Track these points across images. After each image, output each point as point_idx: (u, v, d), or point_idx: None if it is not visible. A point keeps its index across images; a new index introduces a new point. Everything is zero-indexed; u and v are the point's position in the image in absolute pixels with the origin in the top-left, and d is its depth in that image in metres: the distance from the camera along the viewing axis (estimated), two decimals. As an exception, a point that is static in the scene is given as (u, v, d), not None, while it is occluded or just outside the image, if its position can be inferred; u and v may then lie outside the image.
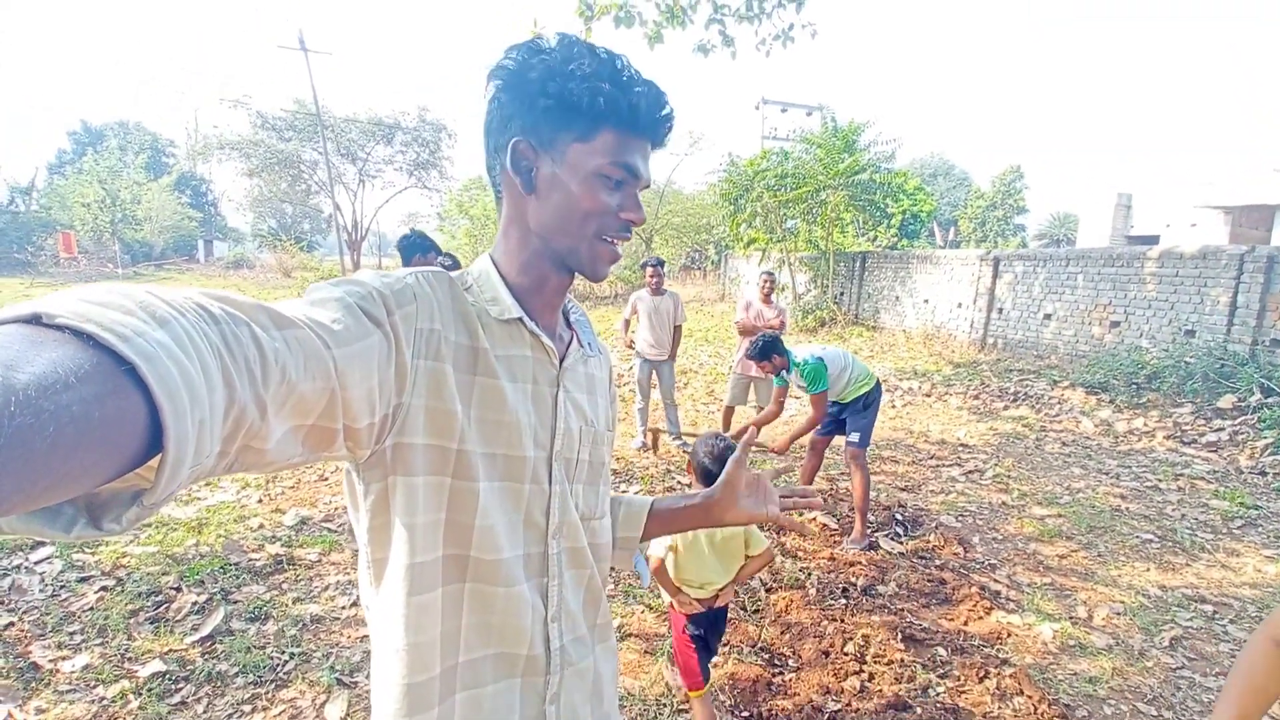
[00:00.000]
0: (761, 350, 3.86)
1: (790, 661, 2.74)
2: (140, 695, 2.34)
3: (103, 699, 2.32)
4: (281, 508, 4.12)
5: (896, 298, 12.92)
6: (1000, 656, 2.79)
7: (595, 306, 18.78)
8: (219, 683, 2.44)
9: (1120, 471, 5.36)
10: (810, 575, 3.38)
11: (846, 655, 2.72)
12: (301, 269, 27.05)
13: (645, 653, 2.76)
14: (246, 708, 2.34)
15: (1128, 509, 4.54)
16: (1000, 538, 4.08)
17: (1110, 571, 3.62)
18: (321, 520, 3.95)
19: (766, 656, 2.77)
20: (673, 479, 4.92)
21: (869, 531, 3.90)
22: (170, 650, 2.60)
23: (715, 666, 2.67)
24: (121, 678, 2.43)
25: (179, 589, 3.05)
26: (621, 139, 0.73)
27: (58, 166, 37.78)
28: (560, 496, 0.81)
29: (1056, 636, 2.96)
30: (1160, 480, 5.12)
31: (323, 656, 2.63)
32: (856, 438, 3.90)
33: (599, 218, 0.75)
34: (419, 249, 3.81)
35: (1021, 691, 2.50)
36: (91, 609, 2.86)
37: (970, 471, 5.35)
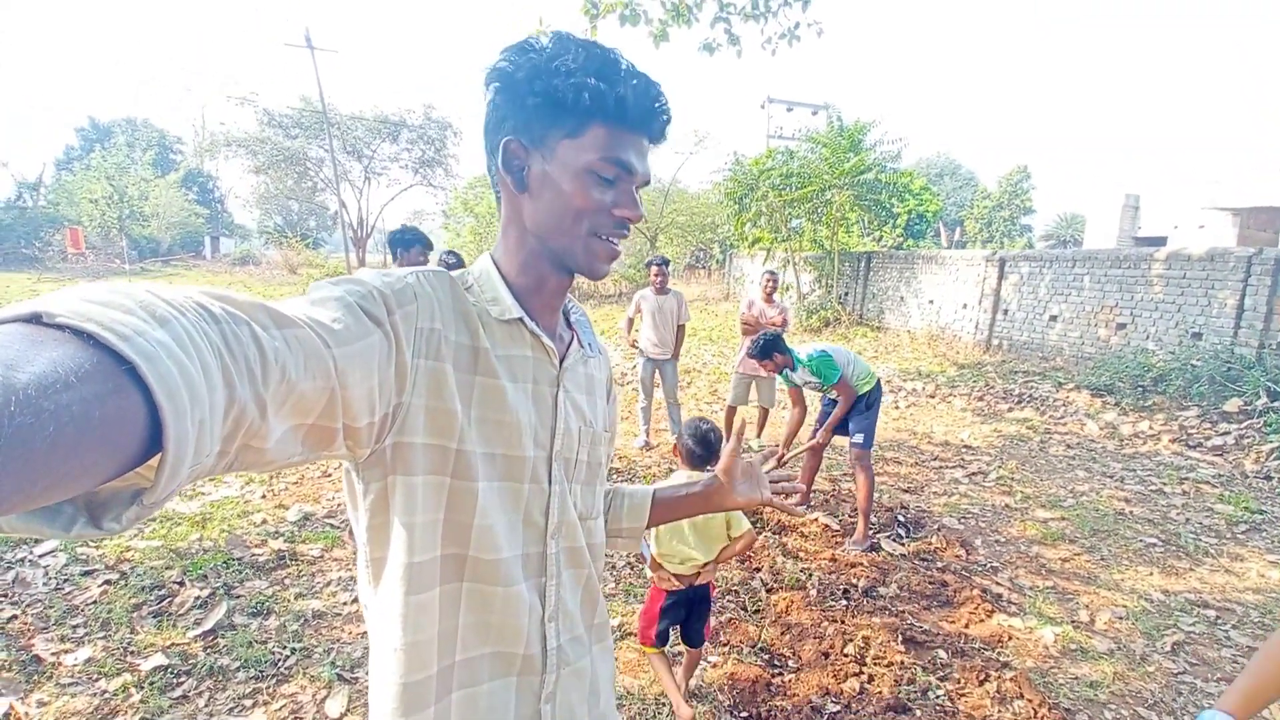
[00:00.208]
0: (763, 349, 3.86)
1: (790, 662, 2.74)
2: (142, 689, 2.35)
3: (105, 692, 2.33)
4: (285, 503, 4.14)
5: (901, 298, 12.88)
6: (1001, 660, 2.78)
7: (599, 305, 18.78)
8: (220, 677, 2.46)
9: (1125, 475, 5.34)
10: (811, 576, 3.38)
11: (847, 657, 2.72)
12: (307, 266, 27.10)
13: (644, 652, 2.76)
14: (247, 702, 2.35)
15: (1132, 512, 4.52)
16: (1003, 540, 4.07)
17: (1113, 575, 3.60)
18: (324, 516, 3.97)
19: (766, 657, 2.77)
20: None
21: (871, 533, 3.90)
22: (172, 644, 2.62)
23: (715, 667, 2.67)
24: (123, 671, 2.44)
25: (182, 583, 3.07)
26: (612, 134, 0.72)
27: (65, 162, 37.94)
28: (559, 496, 0.81)
29: (1058, 640, 2.95)
30: (1165, 484, 5.10)
31: (324, 652, 2.64)
32: (860, 439, 3.89)
33: (592, 215, 0.74)
34: (407, 244, 3.76)
35: (1022, 695, 2.49)
36: (94, 602, 2.88)
37: (973, 473, 5.34)
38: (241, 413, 0.43)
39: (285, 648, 2.64)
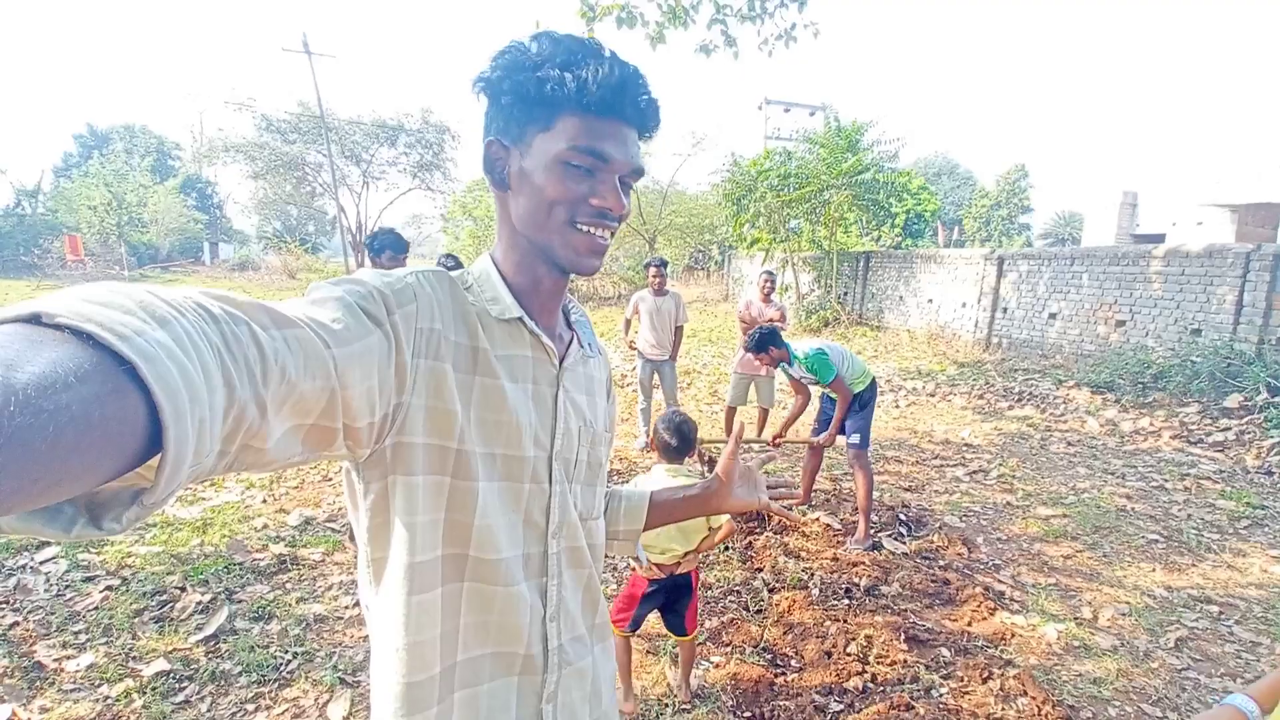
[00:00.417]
0: (758, 342, 3.91)
1: (793, 662, 2.74)
2: (144, 694, 2.35)
3: (107, 698, 2.33)
4: (286, 508, 4.14)
5: (900, 297, 12.88)
6: (1004, 657, 2.78)
7: (599, 307, 18.79)
8: (223, 682, 2.45)
9: (1126, 471, 5.34)
10: (813, 576, 3.37)
11: (849, 656, 2.72)
12: (306, 271, 27.17)
13: (647, 653, 2.76)
14: (250, 707, 2.35)
15: (1133, 509, 4.52)
16: (1004, 538, 4.07)
17: (1115, 572, 3.60)
18: (325, 520, 3.96)
19: (769, 657, 2.76)
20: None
21: (872, 532, 3.90)
22: (174, 650, 2.61)
23: (718, 667, 2.67)
24: (126, 677, 2.44)
25: (183, 589, 3.07)
26: (584, 123, 0.71)
27: (64, 169, 37.97)
28: (560, 496, 0.81)
29: (1061, 637, 2.94)
30: (1166, 480, 5.09)
31: (326, 656, 2.64)
32: (857, 439, 3.90)
33: (568, 206, 0.73)
34: (378, 249, 3.60)
35: (1025, 693, 2.49)
36: (96, 608, 2.88)
37: (975, 472, 5.34)
38: (241, 413, 0.43)
39: (287, 652, 2.64)
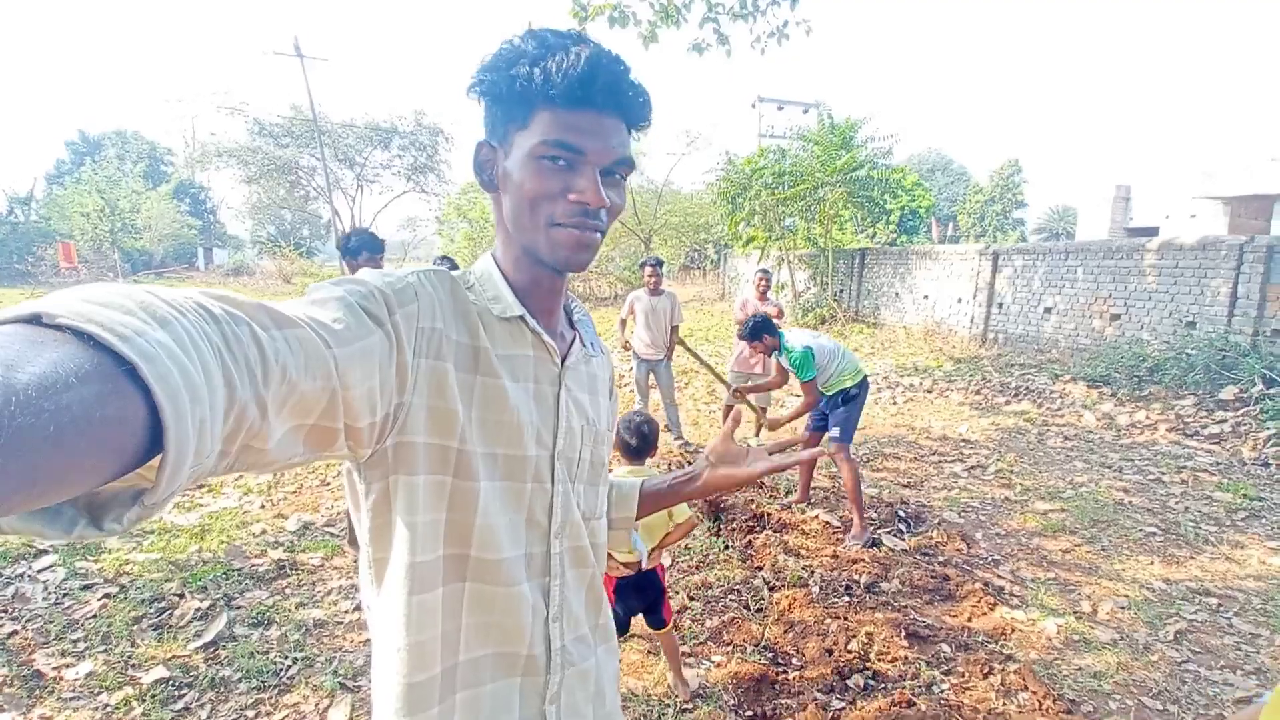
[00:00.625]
0: (752, 330, 4.03)
1: (794, 660, 2.74)
2: (144, 702, 2.34)
3: (106, 706, 2.32)
4: (284, 513, 4.13)
5: (896, 294, 12.91)
6: (1004, 652, 2.79)
7: (595, 308, 18.77)
8: (222, 689, 2.45)
9: (1123, 465, 5.36)
10: (813, 573, 3.38)
11: (850, 653, 2.72)
12: (301, 275, 27.05)
13: (648, 653, 2.76)
14: (250, 713, 2.34)
15: (1131, 502, 4.53)
16: (1003, 533, 4.08)
17: (1114, 565, 3.61)
18: (324, 525, 3.95)
19: (770, 655, 2.76)
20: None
21: (870, 528, 3.90)
22: (173, 657, 2.60)
23: (719, 666, 2.67)
24: (125, 685, 2.43)
25: (182, 595, 3.06)
26: (557, 116, 0.70)
27: (56, 176, 37.81)
28: (563, 496, 0.81)
29: (1060, 631, 2.95)
30: (1163, 473, 5.11)
31: (326, 661, 2.63)
32: (837, 432, 3.94)
33: (547, 202, 0.72)
34: (354, 251, 3.32)
35: (1026, 687, 2.50)
36: (94, 616, 2.87)
37: (972, 467, 5.35)
38: (242, 413, 0.43)
39: (287, 658, 2.63)
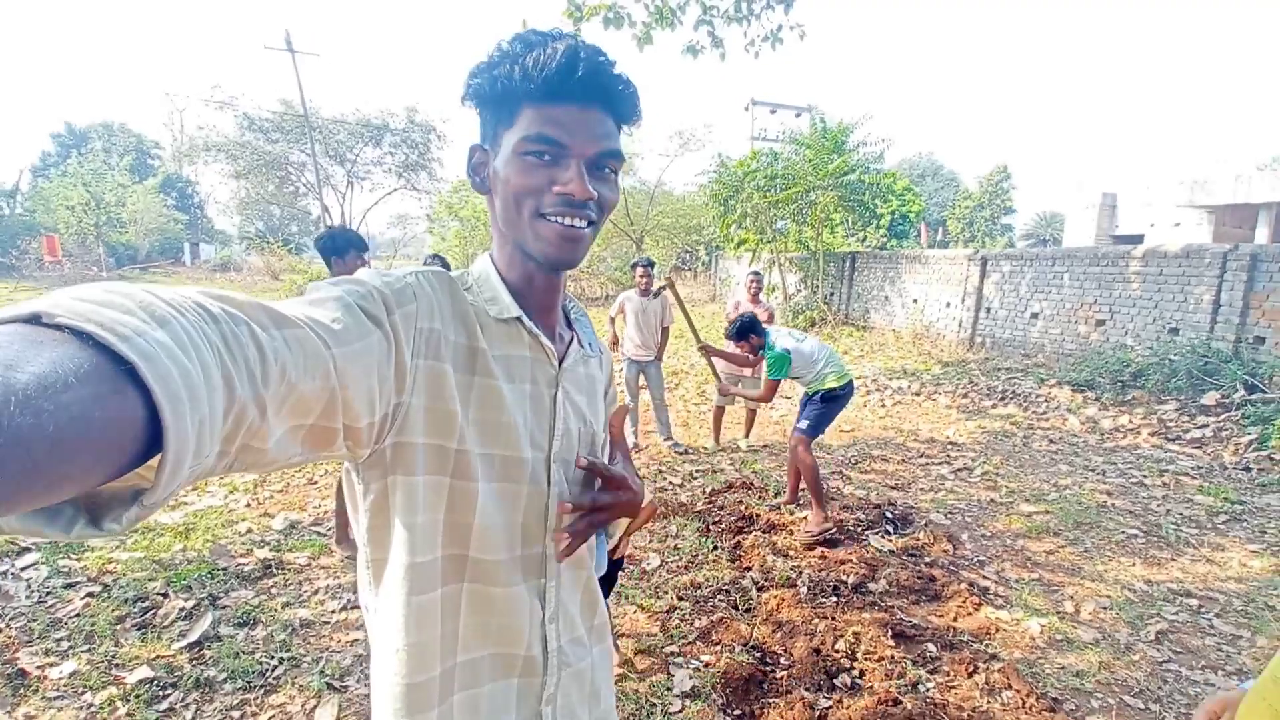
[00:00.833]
0: (738, 330, 4.10)
1: (782, 660, 2.75)
2: (128, 702, 2.32)
3: (91, 705, 2.30)
4: (270, 512, 4.09)
5: (886, 297, 12.99)
6: (989, 652, 2.82)
7: (587, 307, 18.70)
8: (207, 689, 2.42)
9: (1106, 468, 5.42)
10: (801, 574, 3.40)
11: (838, 652, 2.74)
12: (290, 272, 26.82)
13: (638, 652, 2.76)
14: (235, 714, 2.32)
15: (1114, 505, 4.59)
16: (989, 535, 4.11)
17: (1097, 567, 3.66)
18: (310, 524, 3.93)
19: (758, 655, 2.78)
20: (664, 479, 4.93)
21: (830, 521, 3.87)
22: (158, 656, 2.58)
23: (708, 666, 2.68)
24: (109, 684, 2.40)
25: (166, 595, 3.02)
26: (540, 111, 0.71)
27: (43, 169, 37.29)
28: (559, 498, 0.81)
29: (1044, 631, 2.99)
30: (1145, 476, 5.18)
31: (313, 661, 2.62)
32: (804, 424, 3.98)
33: (532, 196, 0.73)
34: (340, 250, 3.21)
35: (1010, 686, 2.52)
36: (78, 615, 2.83)
37: (959, 469, 5.39)
38: (242, 413, 0.43)
39: (273, 658, 2.61)
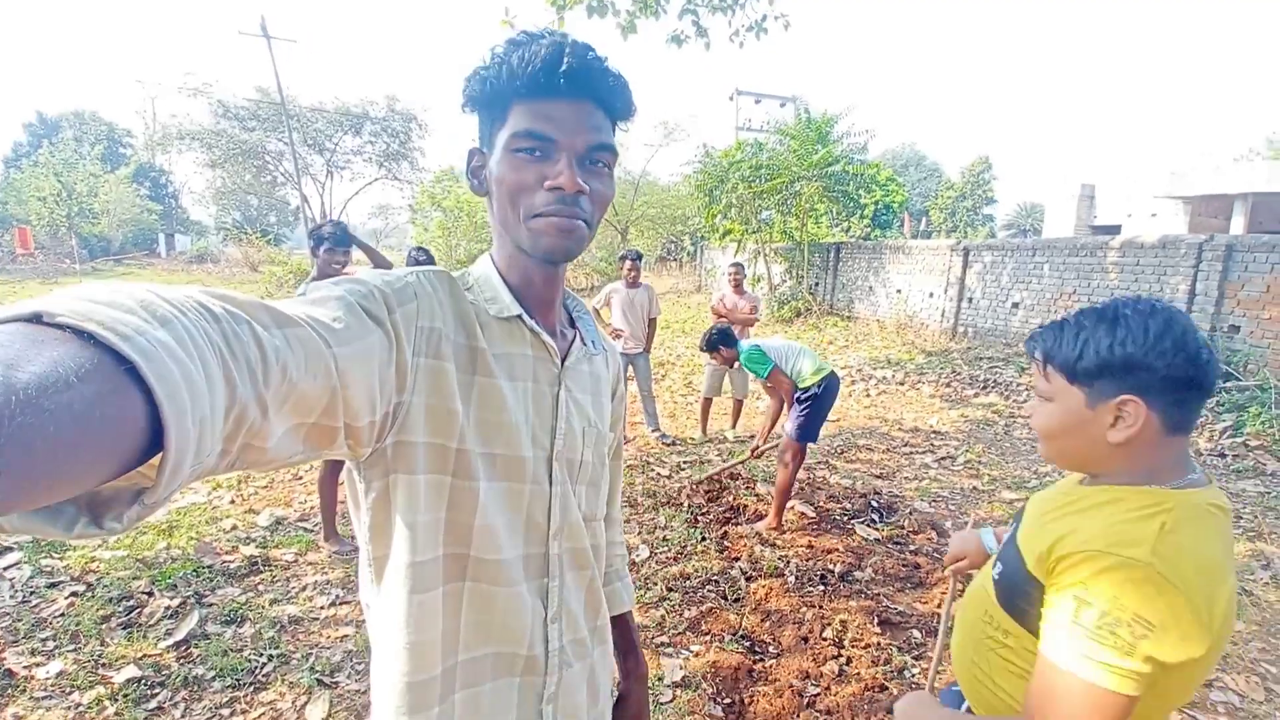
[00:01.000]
0: (709, 342, 4.10)
1: (770, 648, 2.79)
2: (116, 701, 2.29)
3: (78, 705, 2.27)
4: (255, 508, 4.06)
5: (870, 288, 13.09)
6: (973, 637, 2.87)
7: (571, 299, 18.66)
8: (196, 687, 2.41)
9: (1085, 455, 5.52)
10: (789, 563, 3.44)
11: (825, 640, 2.78)
12: (269, 263, 26.42)
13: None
14: (225, 711, 2.31)
15: (1093, 492, 4.68)
16: (972, 522, 4.18)
17: (1076, 553, 3.73)
18: (297, 520, 3.90)
19: (747, 644, 2.81)
20: (652, 470, 4.95)
21: (779, 526, 3.87)
22: (144, 655, 2.55)
23: (698, 656, 2.71)
24: (96, 684, 2.38)
25: (151, 593, 2.99)
26: (529, 107, 0.71)
27: (13, 160, 36.33)
28: (562, 497, 0.81)
29: (1026, 617, 3.05)
30: (1123, 463, 5.28)
31: (302, 658, 2.61)
32: (791, 428, 3.90)
33: (525, 194, 0.73)
34: (345, 241, 3.36)
35: (993, 671, 2.58)
36: (63, 615, 2.79)
37: (942, 458, 5.47)
38: (243, 412, 0.43)
39: (262, 655, 2.60)
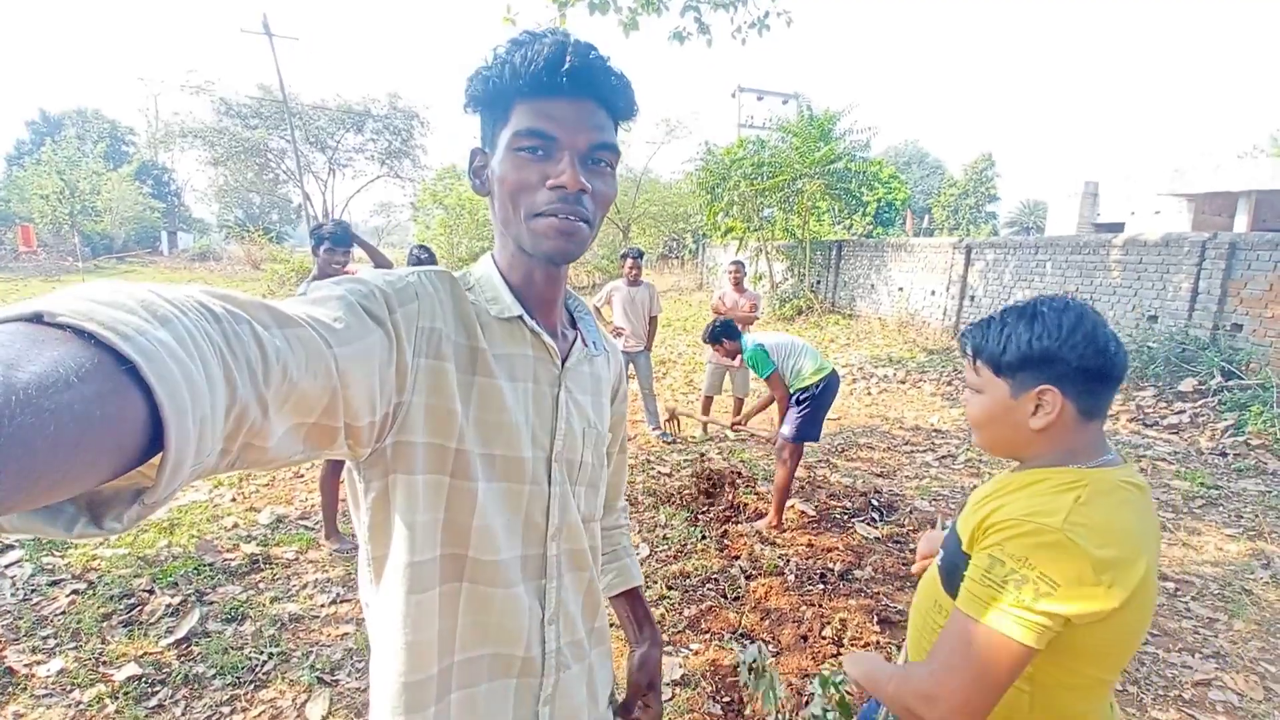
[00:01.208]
0: (713, 334, 4.10)
1: (770, 646, 2.79)
2: (117, 699, 2.30)
3: (79, 703, 2.28)
4: (256, 506, 4.06)
5: (872, 285, 13.07)
6: (973, 637, 2.87)
7: (573, 297, 18.65)
8: (196, 685, 2.41)
9: (1087, 454, 5.50)
10: (789, 562, 3.44)
11: (825, 639, 2.78)
12: (271, 261, 26.44)
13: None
14: (226, 709, 2.31)
15: (1094, 491, 4.67)
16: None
17: (1078, 552, 3.73)
18: (298, 518, 3.90)
19: (747, 643, 2.81)
20: (652, 469, 4.94)
21: (779, 524, 3.88)
22: (145, 653, 2.56)
23: (697, 654, 2.71)
24: (97, 682, 2.38)
25: (151, 591, 3.00)
26: (530, 106, 0.71)
27: (16, 158, 36.38)
28: (561, 498, 0.81)
29: (1027, 616, 3.04)
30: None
31: (303, 655, 2.61)
32: (788, 429, 3.88)
33: (527, 193, 0.72)
34: (346, 240, 3.41)
35: (994, 670, 2.57)
36: (64, 613, 2.80)
37: (943, 457, 5.46)
38: (243, 412, 0.43)
39: (262, 653, 2.60)
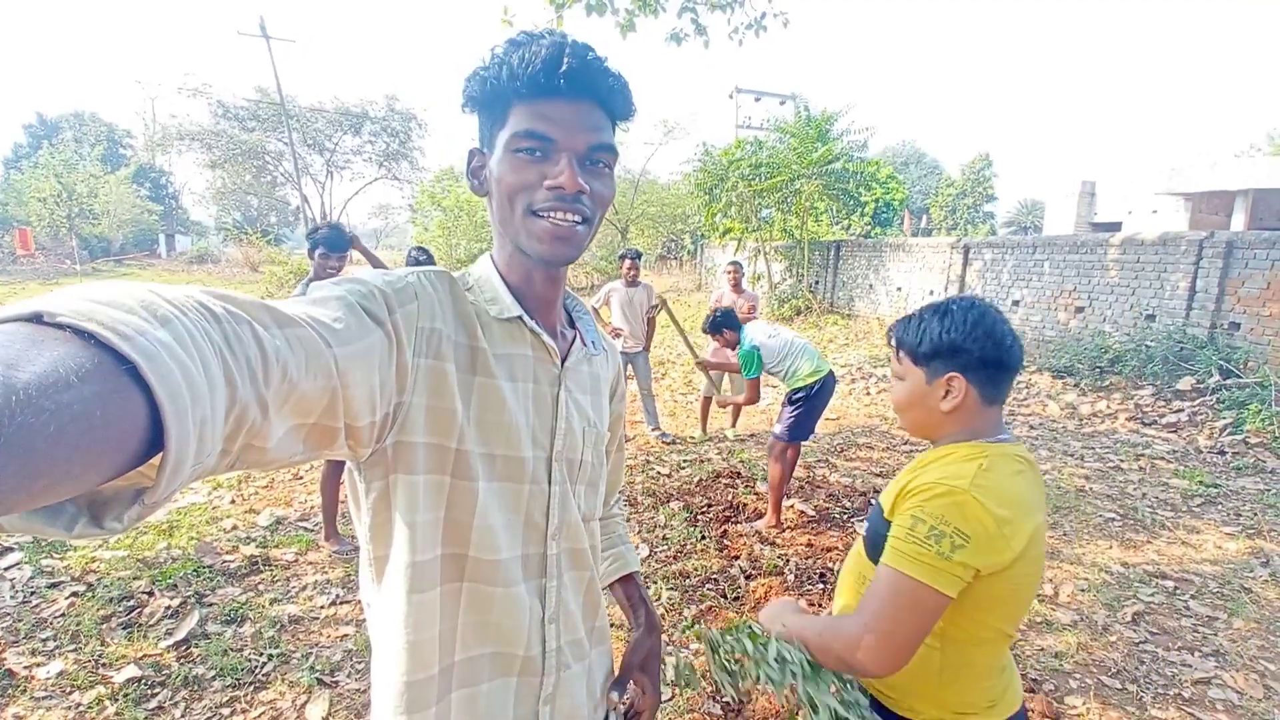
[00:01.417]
0: (713, 324, 4.14)
1: (770, 646, 2.79)
2: (116, 701, 2.30)
3: (79, 705, 2.28)
4: (255, 508, 4.06)
5: (870, 286, 13.08)
6: (972, 635, 2.87)
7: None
8: (196, 687, 2.41)
9: (1084, 453, 5.52)
10: (789, 562, 3.44)
11: (825, 639, 2.78)
12: (269, 263, 26.41)
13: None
14: (225, 711, 2.31)
15: (1092, 489, 4.68)
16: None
17: (1075, 550, 3.74)
18: (297, 519, 3.90)
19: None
20: (652, 469, 4.95)
21: (778, 523, 3.91)
22: (145, 655, 2.56)
23: (697, 654, 2.71)
24: (97, 684, 2.38)
25: (151, 593, 2.99)
26: (528, 108, 0.71)
27: (14, 161, 36.33)
28: (561, 497, 0.81)
29: (1026, 614, 3.05)
30: (1122, 461, 5.29)
31: (302, 657, 2.61)
32: (779, 429, 3.92)
33: (525, 193, 0.73)
34: (315, 243, 3.34)
35: (993, 669, 2.58)
36: (63, 615, 2.80)
37: (942, 456, 5.46)
38: (243, 412, 0.43)
39: (262, 654, 2.60)
